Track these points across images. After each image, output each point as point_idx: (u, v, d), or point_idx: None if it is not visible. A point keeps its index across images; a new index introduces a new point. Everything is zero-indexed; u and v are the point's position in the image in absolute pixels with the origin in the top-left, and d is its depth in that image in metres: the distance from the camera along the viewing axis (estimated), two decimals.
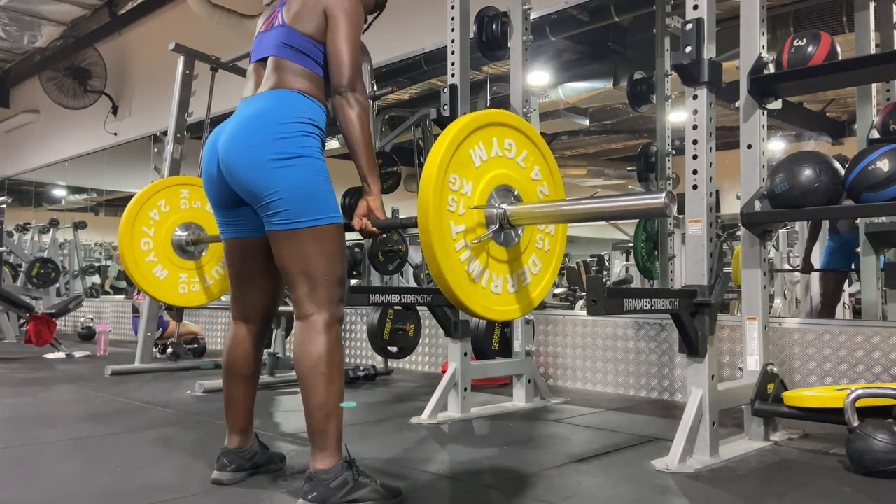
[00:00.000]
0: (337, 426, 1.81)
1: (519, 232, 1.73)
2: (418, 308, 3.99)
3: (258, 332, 2.09)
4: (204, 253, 2.51)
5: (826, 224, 4.67)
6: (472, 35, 3.32)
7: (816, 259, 4.78)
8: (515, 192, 1.70)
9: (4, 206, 7.91)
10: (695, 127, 2.42)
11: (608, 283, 8.19)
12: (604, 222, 7.70)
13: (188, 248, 2.49)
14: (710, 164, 2.43)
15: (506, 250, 1.69)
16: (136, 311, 5.81)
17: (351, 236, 2.01)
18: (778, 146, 7.14)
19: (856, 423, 2.16)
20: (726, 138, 3.11)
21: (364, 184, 1.91)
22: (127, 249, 2.40)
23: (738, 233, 2.81)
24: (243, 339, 2.07)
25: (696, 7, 2.40)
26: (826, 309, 4.74)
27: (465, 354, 3.12)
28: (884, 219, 3.39)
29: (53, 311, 6.12)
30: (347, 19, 1.93)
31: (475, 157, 1.64)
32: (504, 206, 1.67)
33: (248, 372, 2.07)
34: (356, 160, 1.89)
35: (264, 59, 2.02)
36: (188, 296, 2.52)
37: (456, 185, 1.59)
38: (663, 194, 1.44)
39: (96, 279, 10.29)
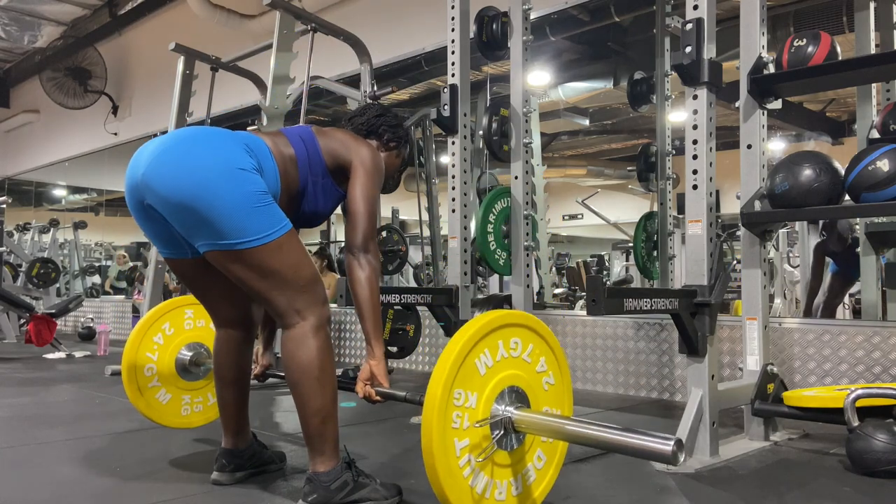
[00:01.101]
0: (334, 428, 1.80)
1: (524, 434, 1.68)
2: (418, 308, 3.99)
3: (241, 336, 2.08)
4: (208, 372, 2.51)
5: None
6: (472, 35, 3.32)
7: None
8: (521, 390, 1.65)
9: (4, 206, 7.92)
10: (695, 127, 2.42)
11: (608, 283, 8.19)
12: (604, 222, 7.69)
13: (192, 369, 2.50)
14: (710, 164, 2.43)
15: (509, 454, 1.63)
16: (136, 310, 5.81)
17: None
18: (778, 146, 7.14)
19: (856, 423, 2.16)
20: (726, 138, 3.11)
21: (368, 346, 1.85)
22: (131, 377, 2.40)
23: (738, 233, 2.81)
24: (226, 344, 2.07)
25: (696, 7, 2.40)
26: (826, 309, 4.74)
27: None
28: (884, 219, 3.39)
29: (53, 311, 6.12)
30: (368, 177, 1.89)
31: (480, 366, 1.56)
32: (510, 410, 1.59)
33: (235, 376, 2.07)
34: (362, 322, 1.84)
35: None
36: (190, 417, 2.52)
37: (460, 401, 1.52)
38: (672, 443, 1.38)
39: (96, 279, 10.29)
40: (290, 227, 1.79)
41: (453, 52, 3.23)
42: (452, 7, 3.24)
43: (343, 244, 1.91)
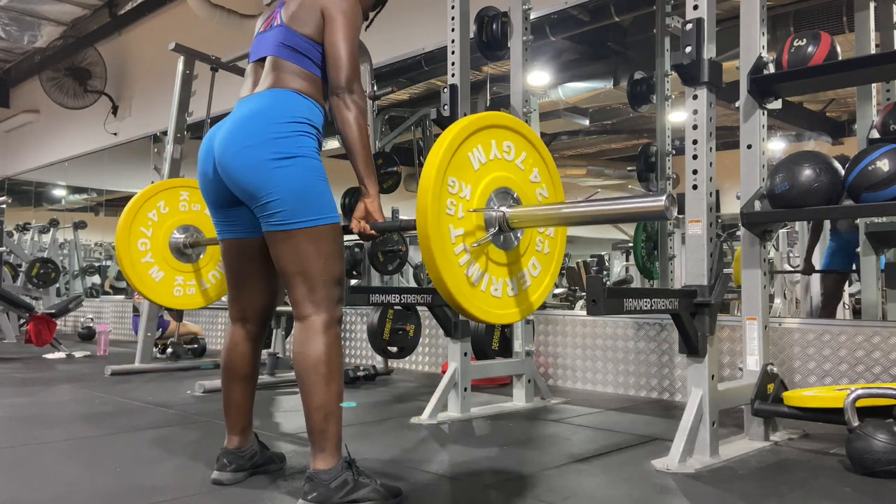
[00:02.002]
0: (336, 427, 1.81)
1: (518, 235, 1.71)
2: (418, 308, 3.99)
3: (256, 333, 2.09)
4: (202, 256, 2.49)
5: (827, 224, 4.68)
6: (472, 35, 3.32)
7: (817, 260, 4.79)
8: (515, 195, 1.68)
9: (4, 206, 7.92)
10: (695, 127, 2.42)
11: (608, 283, 8.19)
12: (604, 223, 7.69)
13: (186, 251, 2.48)
14: (710, 164, 2.43)
15: (505, 253, 1.67)
16: (136, 310, 5.81)
17: (351, 235, 1.99)
18: (778, 146, 7.14)
19: (856, 423, 2.16)
20: (726, 138, 3.11)
21: (361, 186, 1.90)
22: (124, 249, 2.38)
23: (738, 233, 2.81)
24: (241, 340, 2.07)
25: (696, 7, 2.40)
26: (826, 309, 4.74)
27: (465, 354, 3.12)
28: (884, 219, 3.39)
29: (53, 311, 6.12)
30: (345, 19, 1.91)
31: (474, 160, 1.62)
32: (503, 208, 1.65)
33: (247, 373, 2.07)
34: (353, 162, 1.88)
35: (262, 59, 2.01)
36: (183, 298, 2.50)
37: (455, 189, 1.58)
38: (664, 197, 1.43)
39: (96, 279, 10.29)
40: (338, 222, 1.87)
41: (453, 52, 3.23)
42: (452, 7, 3.24)
43: (329, 84, 1.93)
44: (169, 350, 5.35)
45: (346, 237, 2.03)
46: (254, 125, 1.85)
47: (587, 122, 7.85)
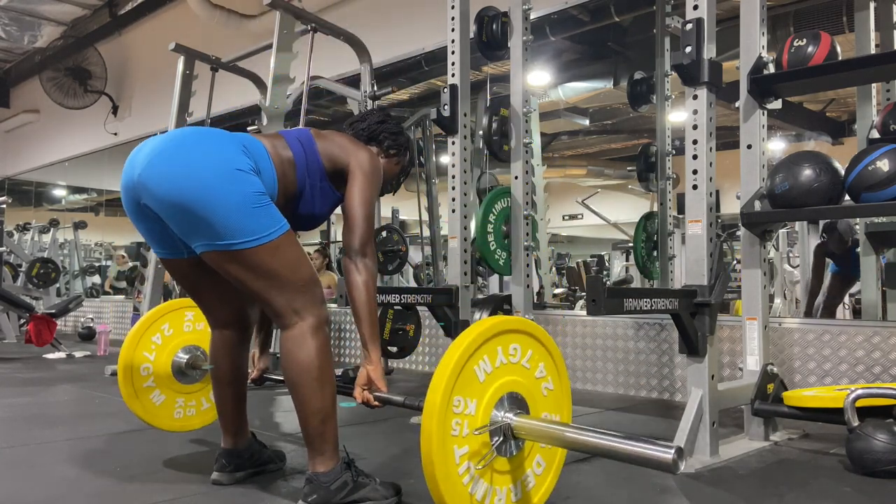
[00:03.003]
0: (333, 429, 1.80)
1: (523, 440, 1.67)
2: (418, 308, 3.98)
3: (236, 337, 2.08)
4: (204, 377, 2.50)
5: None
6: (472, 35, 3.32)
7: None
8: (520, 396, 1.65)
9: (4, 206, 7.92)
10: (695, 127, 2.42)
11: (608, 283, 8.19)
12: (604, 222, 7.69)
13: (188, 372, 2.48)
14: (710, 164, 2.43)
15: (508, 460, 1.61)
16: (137, 310, 5.81)
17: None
18: (778, 146, 7.15)
19: (856, 423, 2.16)
20: (726, 138, 3.11)
21: (364, 351, 1.86)
22: (126, 376, 2.39)
23: (738, 233, 2.81)
24: (222, 345, 2.07)
25: (696, 7, 2.40)
26: (826, 309, 4.74)
27: None
28: (884, 219, 3.39)
29: (53, 311, 6.12)
30: (366, 180, 1.88)
31: (479, 373, 1.56)
32: (509, 416, 1.58)
33: (232, 377, 2.07)
34: (359, 326, 1.84)
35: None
36: (182, 420, 2.50)
37: (459, 408, 1.51)
38: (672, 451, 1.37)
39: (96, 279, 10.30)
40: (288, 228, 1.79)
41: (453, 52, 3.23)
42: (452, 7, 3.24)
43: (342, 245, 1.90)
44: None
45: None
46: (191, 141, 1.76)
47: (587, 122, 7.85)
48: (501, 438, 1.58)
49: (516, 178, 3.32)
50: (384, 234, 4.61)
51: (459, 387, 1.52)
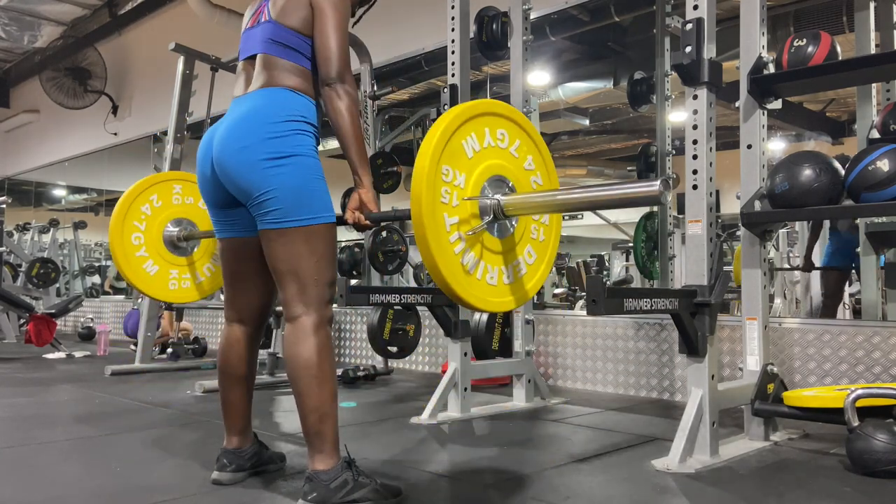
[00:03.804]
0: (333, 427, 1.80)
1: (513, 222, 1.70)
2: (418, 308, 3.99)
3: (252, 333, 2.09)
4: (196, 249, 2.48)
5: (826, 224, 4.68)
6: (472, 35, 3.32)
7: (817, 258, 4.79)
8: (509, 183, 1.67)
9: (4, 206, 7.91)
10: (695, 127, 2.42)
11: (608, 283, 8.19)
12: (604, 222, 7.69)
13: (179, 244, 2.46)
14: (710, 164, 2.43)
15: (500, 241, 1.66)
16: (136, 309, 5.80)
17: (351, 235, 1.99)
18: (778, 146, 7.15)
19: (856, 423, 2.16)
20: (726, 138, 3.11)
21: (355, 176, 1.88)
22: (117, 244, 2.37)
23: (738, 233, 2.81)
24: (237, 340, 2.07)
25: (696, 7, 2.40)
26: (827, 309, 4.74)
27: (465, 354, 3.12)
28: (884, 219, 3.39)
29: (53, 311, 6.12)
30: (334, 10, 1.90)
31: (467, 148, 1.60)
32: (498, 196, 1.64)
33: (243, 373, 2.07)
34: (346, 152, 1.87)
35: (253, 57, 2.01)
36: (178, 292, 2.48)
37: (449, 177, 1.57)
38: (658, 182, 1.42)
39: (96, 279, 10.30)
40: (333, 221, 1.86)
41: (453, 52, 3.23)
42: (452, 7, 3.24)
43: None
44: (169, 350, 5.35)
45: (349, 235, 2.02)
46: (250, 125, 1.85)
47: (587, 122, 7.85)
48: (492, 216, 1.61)
49: None
50: (384, 234, 4.62)
51: (447, 156, 1.55)
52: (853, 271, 4.50)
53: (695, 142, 2.42)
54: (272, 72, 1.92)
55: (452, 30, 3.24)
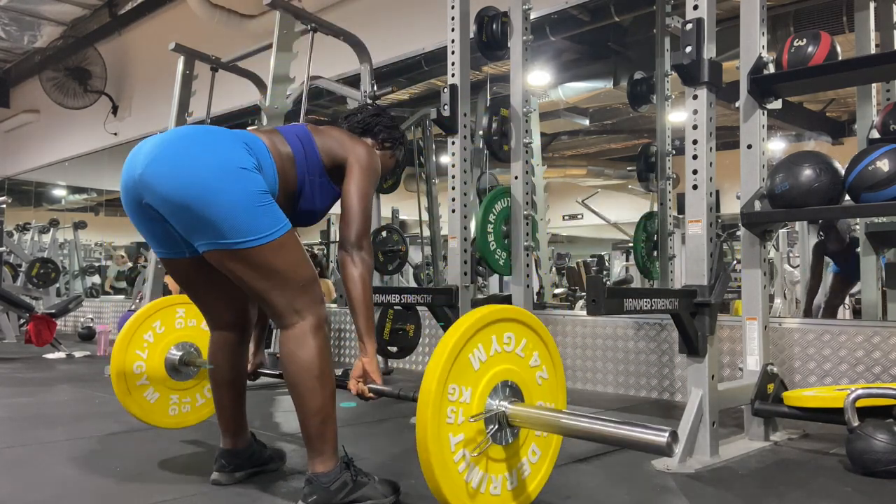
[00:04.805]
0: (333, 429, 1.80)
1: (518, 428, 1.67)
2: (418, 308, 3.98)
3: (236, 338, 2.08)
4: (197, 373, 2.49)
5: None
6: (472, 35, 3.32)
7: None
8: (515, 385, 1.65)
9: (4, 206, 7.91)
10: (695, 127, 2.42)
11: (608, 283, 8.19)
12: (604, 222, 7.69)
13: (181, 369, 2.48)
14: (710, 164, 2.43)
15: (504, 448, 1.62)
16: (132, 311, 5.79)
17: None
18: (778, 146, 7.15)
19: (856, 423, 2.16)
20: (726, 138, 3.11)
21: (360, 344, 1.85)
22: (119, 374, 2.38)
23: (738, 233, 2.81)
24: (221, 346, 2.06)
25: (696, 7, 2.40)
26: (828, 309, 4.74)
27: None
28: (884, 219, 3.39)
29: (53, 311, 6.12)
30: (364, 175, 1.89)
31: (474, 361, 1.57)
32: (504, 404, 1.59)
33: (231, 378, 2.07)
34: (354, 318, 1.84)
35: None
36: (178, 417, 2.50)
37: (455, 395, 1.52)
38: (666, 435, 1.39)
39: (96, 279, 10.30)
40: (291, 227, 1.80)
41: (453, 52, 3.23)
42: (452, 7, 3.24)
43: (339, 239, 1.91)
44: None
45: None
46: (197, 137, 1.76)
47: (587, 122, 7.85)
48: (496, 426, 1.59)
49: (516, 178, 3.32)
50: (384, 234, 4.61)
51: (454, 375, 1.53)
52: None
53: (695, 142, 2.42)
54: (264, 135, 1.87)
55: (452, 30, 3.24)
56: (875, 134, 3.03)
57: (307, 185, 1.90)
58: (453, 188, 3.25)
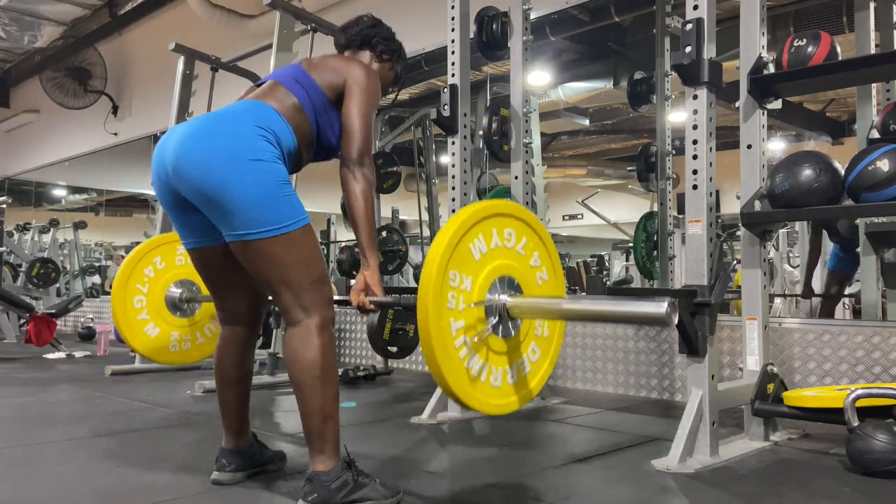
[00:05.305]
0: (334, 428, 1.80)
1: (518, 322, 1.68)
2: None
3: (246, 335, 2.08)
4: (197, 310, 2.48)
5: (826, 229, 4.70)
6: (472, 35, 3.32)
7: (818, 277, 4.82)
8: (515, 282, 1.67)
9: (4, 206, 7.92)
10: (695, 127, 2.42)
11: (608, 283, 8.19)
12: (604, 222, 7.69)
13: (182, 306, 2.47)
14: (710, 164, 2.43)
15: (505, 341, 1.64)
16: None
17: (351, 235, 1.99)
18: (778, 146, 7.15)
19: (856, 423, 2.17)
20: (726, 138, 3.11)
21: (362, 258, 1.88)
22: (119, 307, 2.37)
23: (738, 233, 2.81)
24: (231, 343, 2.07)
25: (696, 7, 2.40)
26: (826, 309, 4.74)
27: None
28: (884, 219, 3.39)
29: (53, 311, 6.12)
30: (363, 93, 1.91)
31: (475, 251, 1.60)
32: (504, 297, 1.62)
33: (238, 376, 2.07)
34: (356, 234, 1.87)
35: (263, 83, 1.99)
36: (179, 353, 2.49)
37: (456, 282, 1.56)
38: (665, 304, 1.41)
39: (96, 279, 10.30)
40: (308, 222, 1.83)
41: (453, 52, 3.23)
42: (452, 7, 3.24)
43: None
44: None
45: (348, 238, 2.02)
46: (212, 126, 1.81)
47: (587, 122, 7.85)
48: (497, 318, 1.61)
49: (516, 178, 3.32)
50: (384, 234, 4.62)
51: (455, 261, 1.55)
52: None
53: (695, 142, 2.42)
54: (269, 95, 1.91)
55: (452, 30, 3.24)
56: (875, 134, 3.03)
57: (319, 124, 1.94)
58: (453, 188, 3.25)
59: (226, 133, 1.78)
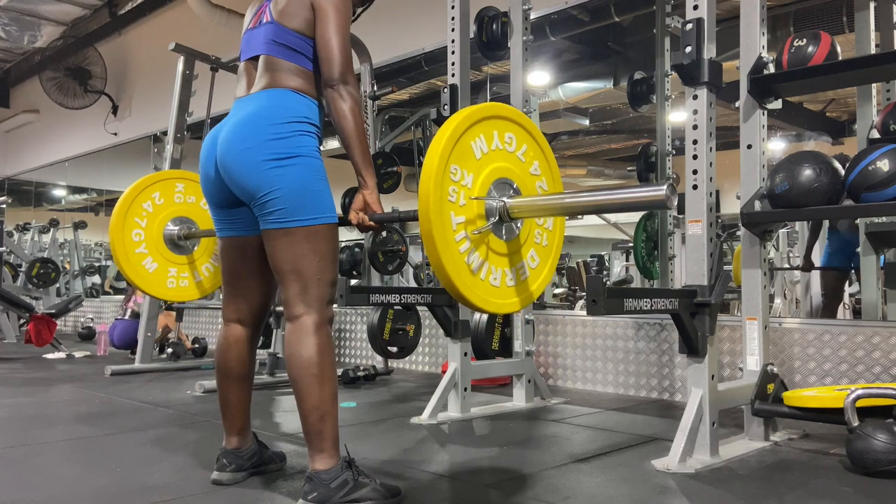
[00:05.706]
0: (333, 427, 1.81)
1: (518, 225, 1.73)
2: (418, 308, 3.99)
3: (251, 333, 2.09)
4: (196, 248, 2.48)
5: (826, 223, 4.67)
6: (472, 35, 3.32)
7: (817, 257, 4.79)
8: (515, 186, 1.70)
9: (4, 206, 7.92)
10: (695, 127, 2.42)
11: (608, 283, 8.19)
12: (604, 222, 7.69)
13: (180, 243, 2.47)
14: (710, 164, 2.43)
15: (505, 243, 1.69)
16: (136, 316, 5.75)
17: (351, 235, 2.01)
18: (778, 146, 7.14)
19: (856, 423, 2.17)
20: (726, 138, 3.11)
21: (359, 177, 1.89)
22: (118, 239, 2.38)
23: (738, 233, 2.81)
24: (235, 340, 2.07)
25: (696, 7, 2.40)
26: (827, 309, 4.74)
27: (466, 354, 3.12)
28: (884, 219, 3.39)
29: (53, 311, 6.12)
30: (336, 11, 1.90)
31: (476, 149, 1.64)
32: (504, 198, 1.67)
33: (242, 374, 2.07)
34: (350, 153, 1.88)
35: (255, 58, 2.00)
36: (176, 290, 2.49)
37: (457, 176, 1.60)
38: (664, 186, 1.44)
39: (96, 279, 10.30)
40: (335, 221, 1.87)
41: (453, 52, 3.23)
42: (452, 7, 3.24)
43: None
44: (169, 350, 5.35)
45: (349, 234, 2.03)
46: (253, 126, 1.86)
47: (587, 122, 7.85)
48: (497, 218, 1.64)
49: None
50: (384, 234, 4.61)
51: (456, 156, 1.58)
52: (853, 271, 4.50)
53: (695, 142, 2.42)
54: (275, 73, 1.92)
55: (452, 30, 3.24)
56: (875, 134, 3.03)
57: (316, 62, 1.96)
58: None
59: (266, 133, 1.83)
